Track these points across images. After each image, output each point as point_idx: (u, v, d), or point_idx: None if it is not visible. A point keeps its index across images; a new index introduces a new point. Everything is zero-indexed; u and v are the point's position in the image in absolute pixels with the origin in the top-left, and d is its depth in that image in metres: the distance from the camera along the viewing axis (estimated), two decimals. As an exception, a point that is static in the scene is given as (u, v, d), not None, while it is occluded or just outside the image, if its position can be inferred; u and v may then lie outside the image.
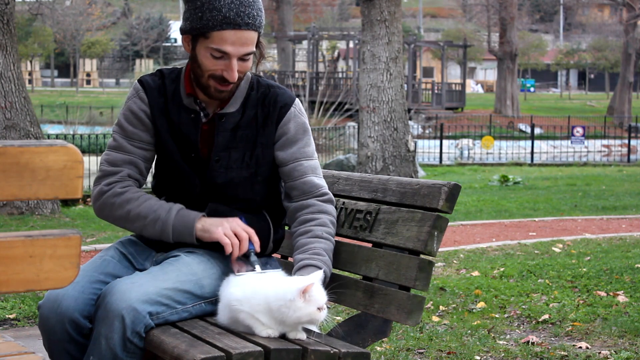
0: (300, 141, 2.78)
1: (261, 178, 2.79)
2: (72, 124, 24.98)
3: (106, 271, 2.71)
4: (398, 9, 13.09)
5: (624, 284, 5.78)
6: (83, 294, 2.61)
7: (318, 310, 2.46)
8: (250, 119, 2.76)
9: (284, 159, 2.77)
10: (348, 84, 34.57)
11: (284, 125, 2.77)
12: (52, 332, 2.60)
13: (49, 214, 9.60)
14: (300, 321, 2.46)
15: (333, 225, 2.77)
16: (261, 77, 2.83)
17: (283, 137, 2.77)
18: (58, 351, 2.63)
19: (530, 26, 62.20)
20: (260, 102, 2.77)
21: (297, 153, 2.77)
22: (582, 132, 24.33)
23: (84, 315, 2.59)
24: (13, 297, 5.26)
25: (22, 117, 9.47)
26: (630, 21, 38.52)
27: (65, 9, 48.93)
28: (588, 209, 11.20)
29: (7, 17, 9.27)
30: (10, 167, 1.50)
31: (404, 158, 13.13)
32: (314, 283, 2.45)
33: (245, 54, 2.66)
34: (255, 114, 2.76)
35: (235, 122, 2.75)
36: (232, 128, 2.75)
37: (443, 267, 6.61)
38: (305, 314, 2.45)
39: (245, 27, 2.63)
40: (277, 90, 2.80)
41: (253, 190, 2.78)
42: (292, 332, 2.48)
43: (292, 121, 2.78)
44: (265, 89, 2.79)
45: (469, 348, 4.29)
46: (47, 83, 60.57)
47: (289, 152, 2.77)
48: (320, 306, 2.46)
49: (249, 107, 2.76)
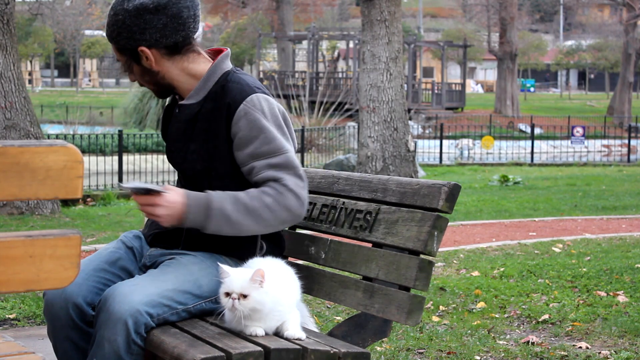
0: (255, 140, 2.69)
1: (216, 174, 2.76)
2: (72, 124, 24.96)
3: (111, 261, 2.77)
4: (398, 9, 13.08)
5: (624, 284, 5.78)
6: (87, 281, 2.67)
7: (226, 297, 2.44)
8: (208, 112, 2.76)
9: (242, 160, 2.72)
10: (348, 84, 34.55)
11: (235, 124, 2.71)
12: (56, 317, 2.66)
13: (49, 214, 9.60)
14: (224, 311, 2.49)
15: (273, 199, 2.64)
16: (238, 72, 2.81)
17: (236, 137, 2.71)
18: (61, 338, 2.68)
19: (530, 26, 62.16)
20: (218, 96, 2.76)
21: (253, 153, 2.69)
22: (582, 132, 24.32)
23: (87, 302, 2.65)
24: (13, 297, 5.26)
25: (22, 117, 9.47)
26: (630, 21, 38.50)
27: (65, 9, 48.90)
28: (588, 209, 11.20)
29: (7, 17, 9.27)
30: (10, 167, 1.50)
31: (404, 158, 13.13)
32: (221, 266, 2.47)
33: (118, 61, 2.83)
34: (212, 108, 2.76)
35: (192, 113, 2.77)
36: (189, 120, 2.78)
37: (443, 267, 6.61)
38: (220, 299, 2.48)
39: (109, 40, 2.80)
40: (231, 85, 2.75)
41: (211, 185, 2.75)
42: (289, 331, 2.48)
43: (243, 119, 2.70)
44: (225, 82, 2.77)
45: (469, 348, 4.28)
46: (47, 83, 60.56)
47: (245, 152, 2.70)
48: (227, 291, 2.44)
49: (208, 100, 2.77)
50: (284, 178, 2.66)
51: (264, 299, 2.43)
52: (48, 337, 2.75)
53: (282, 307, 2.48)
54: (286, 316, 2.50)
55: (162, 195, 2.60)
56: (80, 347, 2.67)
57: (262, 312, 2.44)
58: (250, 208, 2.63)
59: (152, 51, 2.73)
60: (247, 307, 2.42)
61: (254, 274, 2.42)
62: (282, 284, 2.52)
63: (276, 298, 2.46)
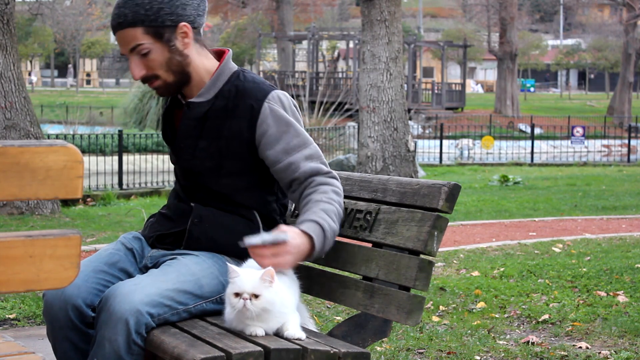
0: (286, 134, 2.70)
1: (226, 172, 2.76)
2: (72, 124, 24.97)
3: (111, 262, 2.76)
4: (398, 9, 13.08)
5: (624, 284, 5.78)
6: (87, 282, 2.65)
7: (235, 297, 2.42)
8: (219, 110, 2.74)
9: (275, 158, 2.71)
10: (348, 84, 34.55)
11: (262, 123, 2.70)
12: (55, 318, 2.65)
13: (49, 214, 9.61)
14: (230, 311, 2.46)
15: (336, 193, 2.67)
16: (246, 71, 2.80)
17: (265, 136, 2.70)
18: (61, 339, 2.67)
19: (530, 26, 62.18)
20: (232, 95, 2.74)
21: (287, 148, 2.70)
22: (582, 132, 24.32)
23: (86, 304, 2.63)
24: (13, 297, 5.26)
25: (22, 117, 9.47)
26: (630, 21, 38.51)
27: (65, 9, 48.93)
28: (588, 209, 11.20)
29: (7, 17, 9.27)
30: (10, 167, 1.50)
31: (404, 158, 13.13)
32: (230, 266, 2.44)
33: (135, 49, 2.67)
34: (224, 106, 2.74)
35: (203, 111, 2.75)
36: (200, 117, 2.76)
37: (443, 267, 6.61)
38: (227, 302, 2.46)
39: (119, 29, 2.66)
40: (248, 85, 2.74)
41: (219, 183, 2.76)
42: (288, 331, 2.48)
43: (270, 117, 2.70)
44: (239, 82, 2.75)
45: (469, 348, 4.28)
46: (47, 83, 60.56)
47: (277, 148, 2.70)
48: (237, 292, 2.41)
49: (219, 98, 2.75)
50: (323, 168, 2.71)
51: (274, 298, 2.42)
52: (47, 337, 2.74)
53: (287, 308, 2.48)
54: (288, 316, 2.50)
55: (289, 243, 2.50)
56: (80, 348, 2.66)
57: (272, 312, 2.43)
58: (337, 213, 2.64)
59: (191, 29, 2.70)
60: (259, 307, 2.40)
61: (264, 273, 2.40)
62: (285, 284, 2.52)
63: (283, 298, 2.46)
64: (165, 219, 2.86)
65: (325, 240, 2.59)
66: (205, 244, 2.76)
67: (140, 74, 2.70)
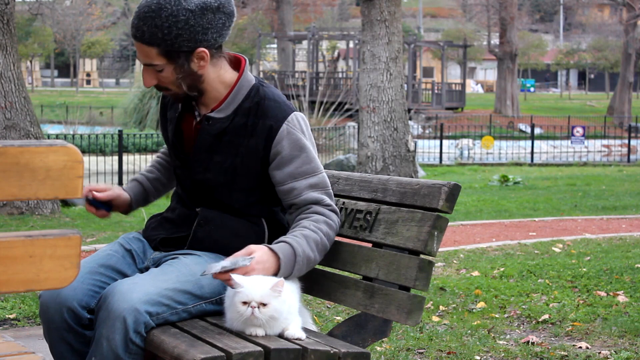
0: (297, 159, 2.70)
1: (239, 187, 2.75)
2: (72, 124, 24.96)
3: (107, 264, 2.74)
4: (398, 9, 13.08)
5: (624, 284, 5.78)
6: (82, 284, 2.64)
7: (243, 305, 2.43)
8: (239, 127, 2.72)
9: (282, 179, 2.71)
10: (348, 84, 34.55)
11: (278, 143, 2.69)
12: (51, 320, 2.65)
13: (49, 214, 9.60)
14: (235, 317, 2.46)
15: (327, 225, 2.69)
16: (264, 85, 2.77)
17: (278, 157, 2.70)
18: (57, 340, 2.67)
19: (530, 26, 62.18)
20: (252, 113, 2.72)
21: (294, 172, 2.70)
22: (582, 132, 24.32)
23: (82, 306, 2.62)
24: (13, 297, 5.26)
25: (22, 117, 9.47)
26: (630, 21, 38.49)
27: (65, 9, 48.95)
28: (588, 209, 11.20)
29: (7, 17, 9.27)
30: (10, 167, 1.50)
31: (404, 158, 13.13)
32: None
33: (149, 65, 2.65)
34: (244, 124, 2.72)
35: (222, 127, 2.72)
36: (218, 133, 2.73)
37: (443, 267, 6.61)
38: (233, 308, 2.46)
39: (138, 40, 2.63)
40: (269, 104, 2.72)
41: (231, 197, 2.76)
42: (289, 331, 2.48)
43: (286, 139, 2.70)
44: (260, 99, 2.73)
45: (469, 348, 4.28)
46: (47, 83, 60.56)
47: (285, 171, 2.70)
48: (245, 300, 2.42)
49: (239, 115, 2.72)
50: (324, 199, 2.72)
51: (282, 307, 2.45)
52: (44, 338, 2.74)
53: (292, 314, 2.51)
54: (291, 320, 2.51)
55: (252, 263, 2.52)
56: (76, 349, 2.65)
57: (279, 319, 2.46)
58: (319, 242, 2.66)
59: (209, 52, 2.65)
60: (267, 315, 2.43)
61: (275, 284, 2.43)
62: (291, 290, 2.55)
63: (290, 305, 2.49)
64: (169, 223, 2.85)
65: (295, 264, 2.60)
66: (208, 245, 2.75)
67: (152, 84, 2.69)
